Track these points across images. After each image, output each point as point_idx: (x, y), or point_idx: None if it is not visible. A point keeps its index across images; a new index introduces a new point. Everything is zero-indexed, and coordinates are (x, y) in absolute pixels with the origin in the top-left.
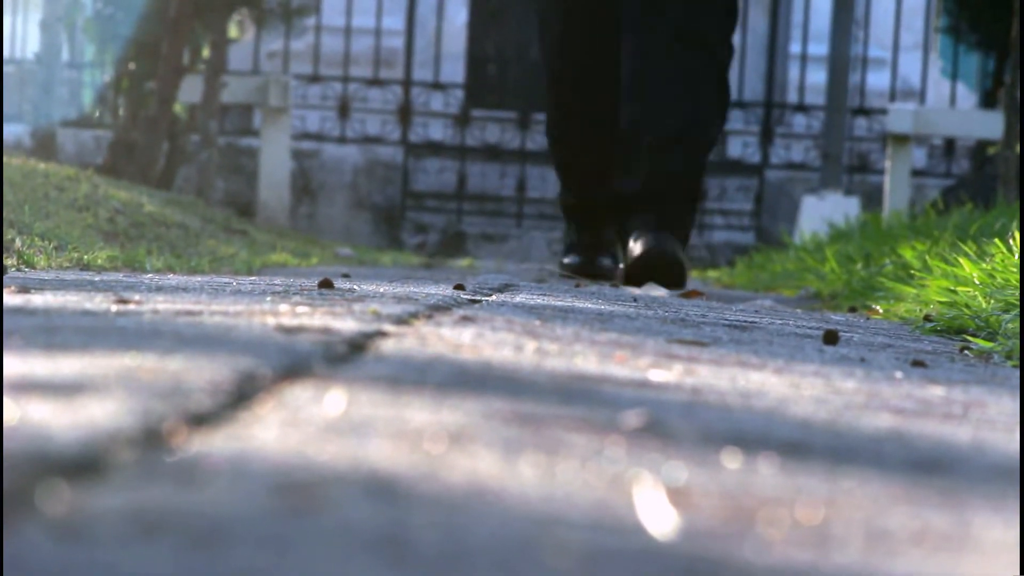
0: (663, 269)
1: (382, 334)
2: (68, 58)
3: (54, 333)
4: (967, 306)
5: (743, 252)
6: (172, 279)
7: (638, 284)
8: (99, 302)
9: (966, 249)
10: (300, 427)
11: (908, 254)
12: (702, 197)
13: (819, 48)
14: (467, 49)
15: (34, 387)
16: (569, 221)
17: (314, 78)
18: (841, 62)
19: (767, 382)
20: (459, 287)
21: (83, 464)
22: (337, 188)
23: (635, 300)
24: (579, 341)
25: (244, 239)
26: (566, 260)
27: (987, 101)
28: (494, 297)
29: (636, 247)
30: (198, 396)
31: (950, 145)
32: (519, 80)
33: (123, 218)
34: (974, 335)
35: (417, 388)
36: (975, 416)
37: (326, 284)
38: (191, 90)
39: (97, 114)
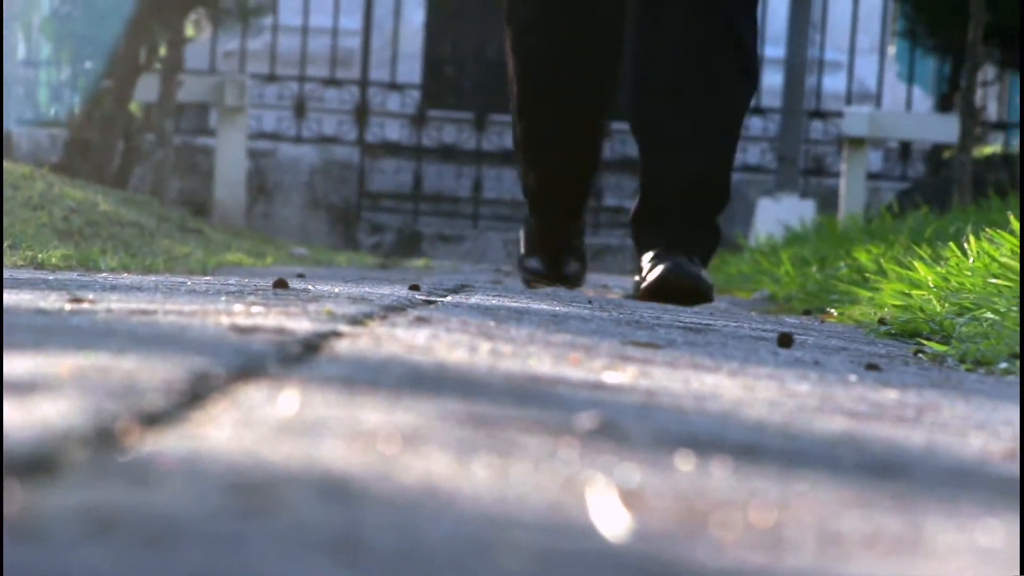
0: (684, 293)
1: (337, 334)
2: (24, 56)
3: (7, 332)
4: (921, 309)
5: None
6: (127, 278)
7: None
8: (53, 301)
9: (921, 253)
10: (254, 427)
11: (863, 257)
12: (727, 199)
13: (776, 51)
14: (424, 50)
15: None
16: (532, 210)
17: (270, 78)
18: (797, 65)
19: (721, 385)
20: (414, 288)
21: (36, 463)
22: (293, 188)
23: (590, 302)
24: (534, 342)
25: (199, 238)
26: (528, 263)
27: (943, 105)
28: (449, 298)
29: (651, 272)
30: (151, 396)
31: (906, 148)
32: (476, 81)
33: (78, 217)
34: (928, 338)
35: (371, 389)
36: (928, 419)
37: (281, 284)
38: (147, 89)
39: (52, 112)
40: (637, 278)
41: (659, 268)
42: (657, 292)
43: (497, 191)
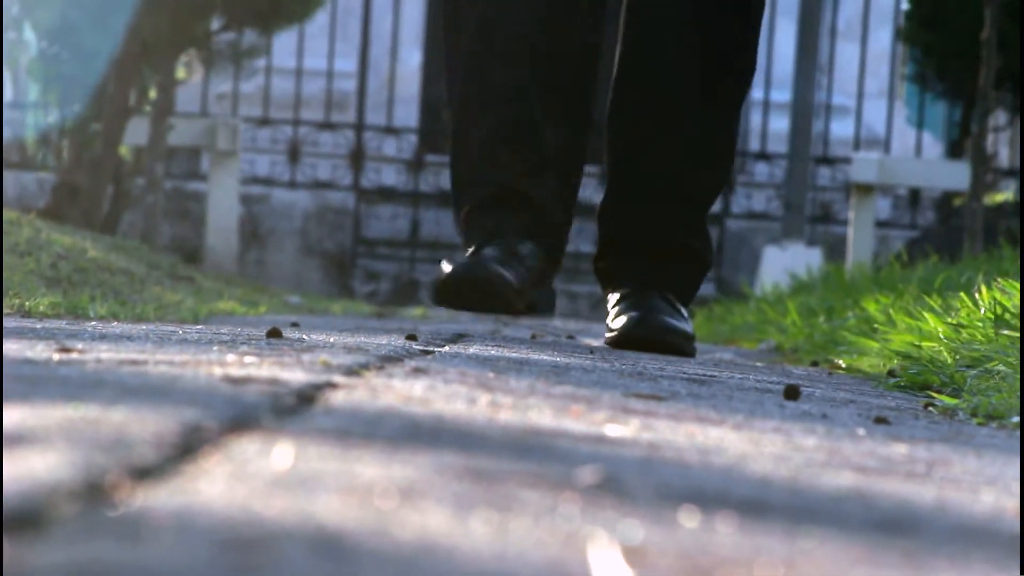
0: (654, 349)
1: (332, 385)
2: (11, 98)
3: None
4: (932, 361)
5: (702, 303)
6: (116, 327)
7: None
8: (40, 350)
9: (931, 303)
10: (247, 481)
11: (872, 307)
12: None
13: (782, 95)
14: (421, 92)
15: None
16: (468, 231)
17: (264, 121)
18: (804, 109)
19: (726, 438)
20: (411, 337)
21: (23, 518)
22: (287, 234)
23: (592, 352)
24: (534, 394)
25: (190, 286)
26: (445, 269)
27: (953, 151)
28: (447, 348)
29: (617, 320)
30: (142, 449)
31: (915, 196)
32: None
33: (66, 264)
34: (939, 391)
35: (367, 442)
36: (939, 475)
37: (275, 333)
38: (137, 132)
39: (40, 156)
40: (609, 320)
41: (624, 318)
42: (624, 346)
43: None
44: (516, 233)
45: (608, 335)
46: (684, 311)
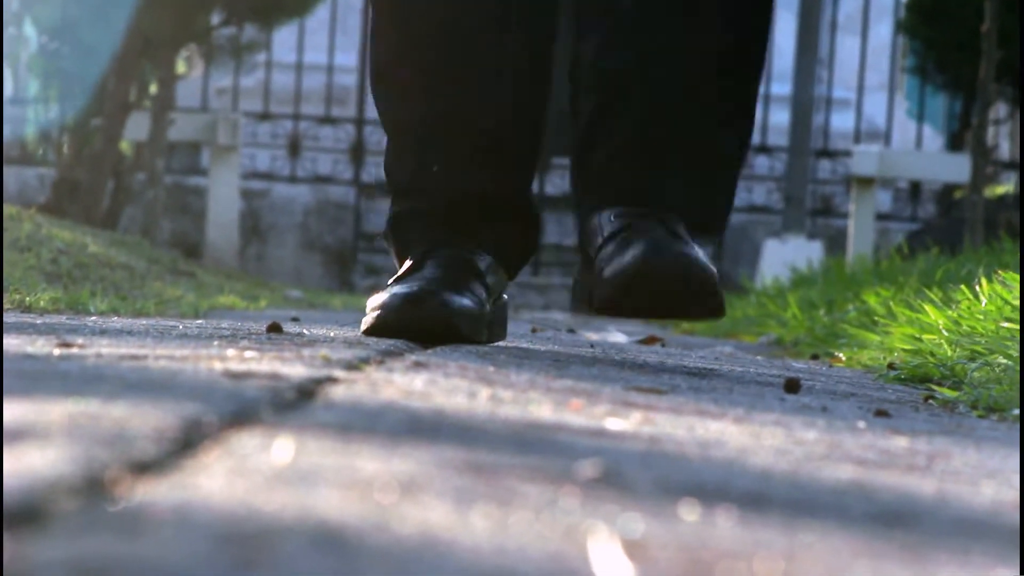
0: (674, 296)
1: (332, 380)
2: (11, 94)
3: None
4: (932, 354)
5: None
6: (117, 322)
7: (624, 312)
8: (41, 345)
9: (931, 296)
10: (247, 476)
11: (872, 300)
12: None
13: (782, 88)
14: None
15: None
16: (406, 240)
17: (264, 116)
18: (805, 103)
19: (726, 431)
20: None
21: (24, 514)
22: (287, 229)
23: (592, 346)
24: (534, 388)
25: (191, 281)
26: (378, 303)
27: (954, 143)
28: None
29: (613, 263)
30: (142, 443)
31: (916, 188)
32: None
33: (66, 259)
34: (939, 384)
35: (367, 436)
36: (939, 468)
37: (275, 328)
38: (137, 127)
39: (40, 152)
40: (580, 278)
41: (628, 254)
42: (625, 295)
43: None
44: (471, 243)
45: (599, 289)
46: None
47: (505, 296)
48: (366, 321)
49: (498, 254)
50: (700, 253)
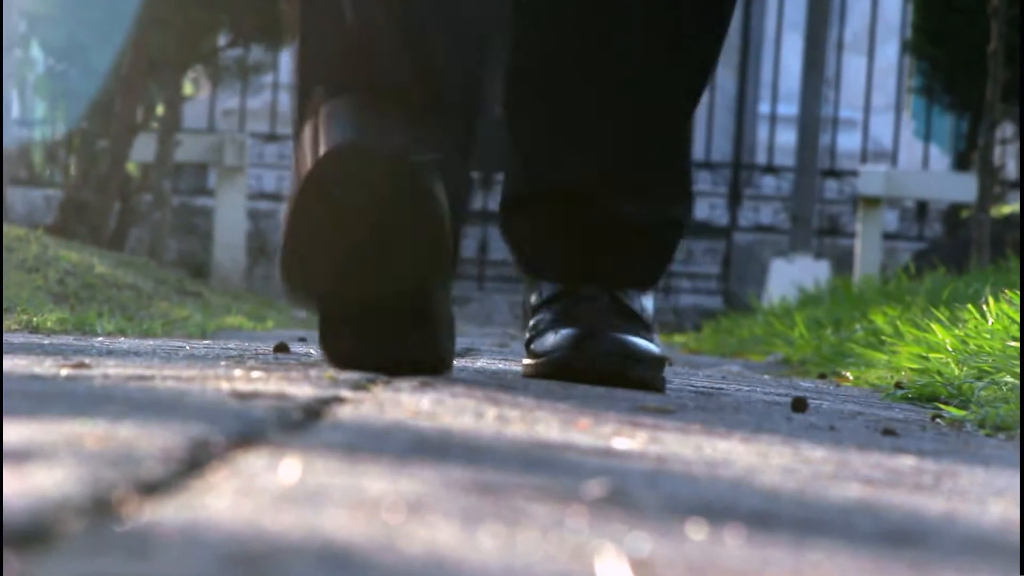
0: (609, 379)
1: (339, 400)
2: (19, 115)
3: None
4: (939, 373)
5: (710, 316)
6: (123, 342)
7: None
8: (48, 366)
9: (938, 315)
10: (254, 496)
11: (879, 319)
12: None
13: (789, 108)
14: None
15: None
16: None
17: (271, 137)
18: (811, 123)
19: (734, 451)
20: None
21: (31, 534)
22: None
23: None
24: (541, 408)
25: (198, 301)
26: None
27: (960, 163)
28: (454, 361)
29: (546, 335)
30: (150, 464)
31: (922, 208)
32: (481, 139)
33: (73, 280)
34: (946, 403)
35: (375, 456)
36: (947, 487)
37: (282, 348)
38: (144, 148)
39: (47, 173)
40: (527, 335)
41: (553, 335)
42: (557, 376)
43: (504, 252)
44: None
45: (527, 362)
46: (646, 310)
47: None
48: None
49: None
50: (637, 332)
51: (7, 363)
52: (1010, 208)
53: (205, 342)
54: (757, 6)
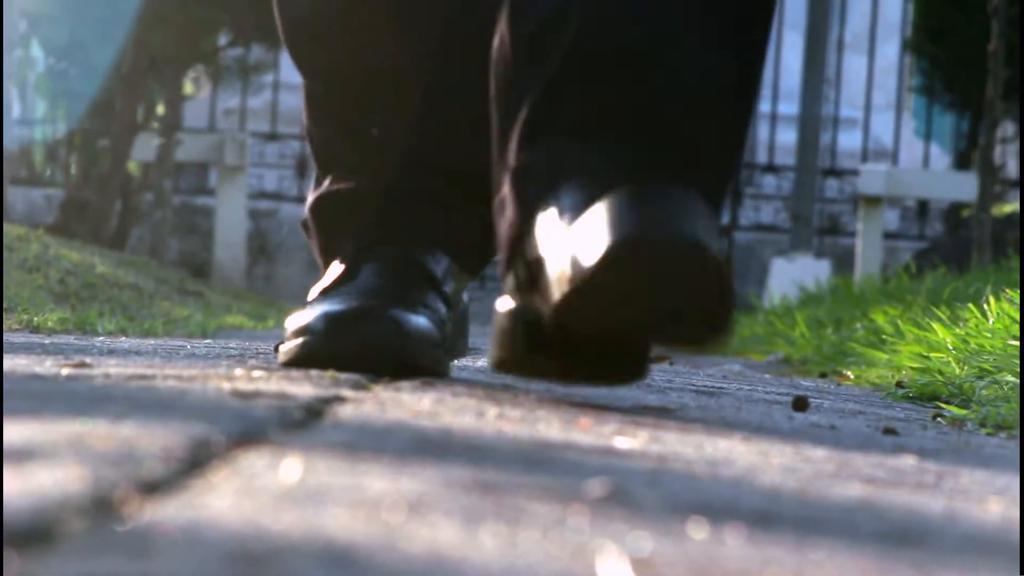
0: (673, 280)
1: (340, 399)
2: (19, 115)
3: (3, 398)
4: (940, 372)
5: None
6: (124, 342)
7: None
8: (49, 366)
9: (939, 314)
10: (255, 495)
11: (880, 319)
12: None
13: (789, 108)
14: None
15: None
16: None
17: (272, 136)
18: (812, 122)
19: (735, 450)
20: None
21: (32, 534)
22: (295, 249)
23: None
24: (542, 407)
25: (199, 301)
26: (304, 319)
27: (961, 162)
28: (455, 361)
29: (602, 221)
30: (151, 463)
31: (923, 207)
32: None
33: (74, 279)
34: (947, 402)
35: (375, 455)
36: (948, 486)
37: None
38: (145, 148)
39: (48, 172)
40: (512, 280)
41: (615, 221)
42: (607, 277)
43: None
44: (426, 239)
45: (574, 266)
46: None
47: (466, 297)
48: (286, 350)
49: (458, 251)
50: (707, 225)
51: (8, 363)
52: (1011, 207)
53: (206, 341)
54: None
